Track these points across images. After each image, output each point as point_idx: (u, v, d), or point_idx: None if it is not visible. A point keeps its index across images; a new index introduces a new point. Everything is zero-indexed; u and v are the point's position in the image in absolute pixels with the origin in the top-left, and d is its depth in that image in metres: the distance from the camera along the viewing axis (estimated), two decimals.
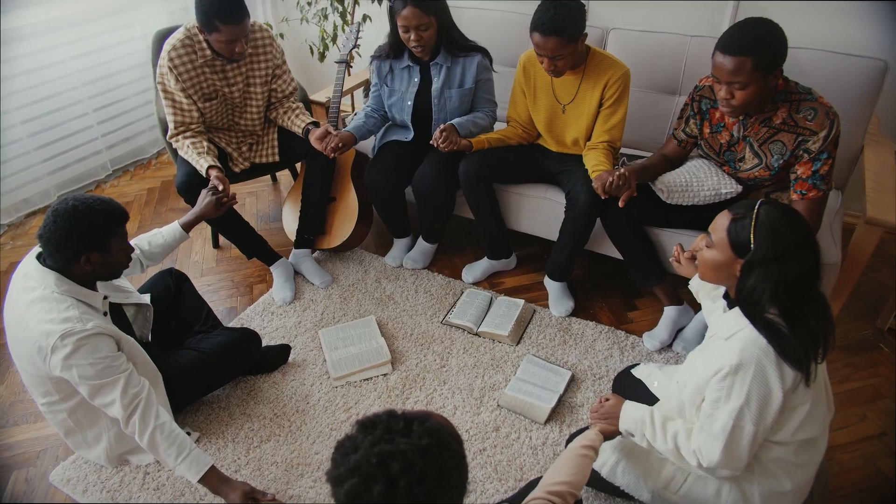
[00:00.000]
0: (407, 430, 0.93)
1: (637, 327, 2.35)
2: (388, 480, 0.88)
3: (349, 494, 0.89)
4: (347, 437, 0.95)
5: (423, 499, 0.88)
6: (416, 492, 0.87)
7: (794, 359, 1.30)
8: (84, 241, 1.56)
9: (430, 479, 0.89)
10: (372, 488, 0.88)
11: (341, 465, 0.92)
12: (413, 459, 0.89)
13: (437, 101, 2.39)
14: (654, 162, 2.15)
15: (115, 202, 1.62)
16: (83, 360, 1.56)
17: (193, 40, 2.23)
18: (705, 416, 1.39)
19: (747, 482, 1.45)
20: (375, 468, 0.89)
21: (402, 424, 0.93)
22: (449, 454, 0.92)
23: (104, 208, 1.58)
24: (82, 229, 1.54)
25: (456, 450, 0.94)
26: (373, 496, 0.88)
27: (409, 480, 0.87)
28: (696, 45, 2.41)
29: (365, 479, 0.89)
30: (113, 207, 1.61)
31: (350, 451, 0.92)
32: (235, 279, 2.63)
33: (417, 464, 0.89)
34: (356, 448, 0.92)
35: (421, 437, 0.92)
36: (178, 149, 2.34)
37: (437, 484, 0.89)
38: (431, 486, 0.88)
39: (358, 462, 0.90)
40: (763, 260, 1.30)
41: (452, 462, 0.92)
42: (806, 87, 1.83)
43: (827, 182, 1.82)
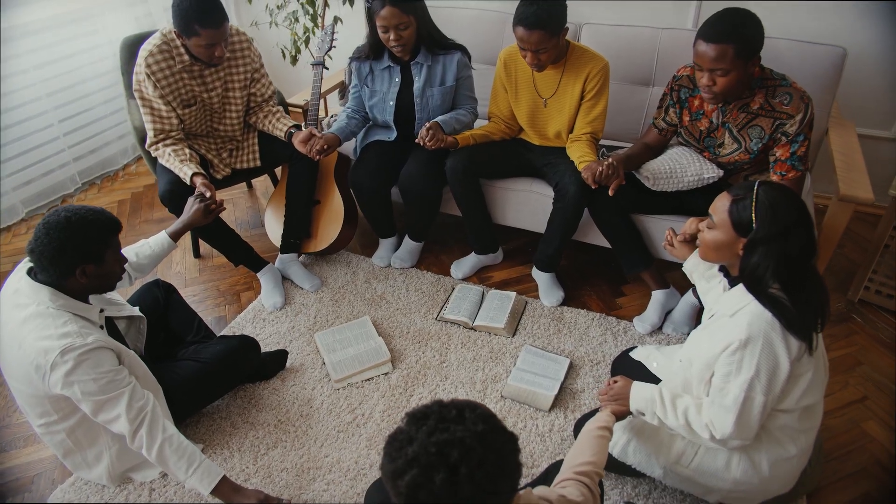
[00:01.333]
0: (460, 418, 0.94)
1: (626, 312, 2.42)
2: (448, 469, 0.89)
3: (410, 486, 0.90)
4: (399, 431, 0.96)
5: (485, 484, 0.89)
6: (478, 477, 0.89)
7: (798, 329, 1.37)
8: (79, 252, 1.52)
9: (490, 463, 0.90)
10: (433, 478, 0.89)
11: (398, 459, 0.93)
12: (471, 445, 0.90)
13: (420, 100, 2.40)
14: (637, 151, 2.21)
15: (108, 212, 1.59)
16: (85, 375, 1.52)
17: (171, 45, 2.19)
18: (716, 390, 1.45)
19: (755, 451, 1.52)
20: (435, 457, 0.90)
21: (454, 413, 0.95)
22: (504, 438, 0.94)
23: (98, 218, 1.55)
24: (77, 241, 1.50)
25: (510, 433, 0.96)
26: (435, 485, 0.89)
27: (470, 467, 0.89)
28: (668, 38, 2.50)
29: (425, 470, 0.90)
30: (107, 217, 1.58)
31: (405, 444, 0.93)
32: (221, 288, 2.58)
33: (476, 449, 0.90)
34: (411, 440, 0.93)
35: (475, 423, 0.93)
36: (158, 157, 2.29)
37: (496, 468, 0.91)
38: (491, 470, 0.90)
39: (416, 453, 0.91)
40: (765, 238, 1.36)
41: (509, 445, 0.94)
42: (780, 73, 1.93)
43: (804, 162, 1.92)
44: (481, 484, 0.89)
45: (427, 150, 2.38)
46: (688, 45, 2.43)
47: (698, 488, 1.63)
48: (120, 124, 3.28)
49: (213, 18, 2.07)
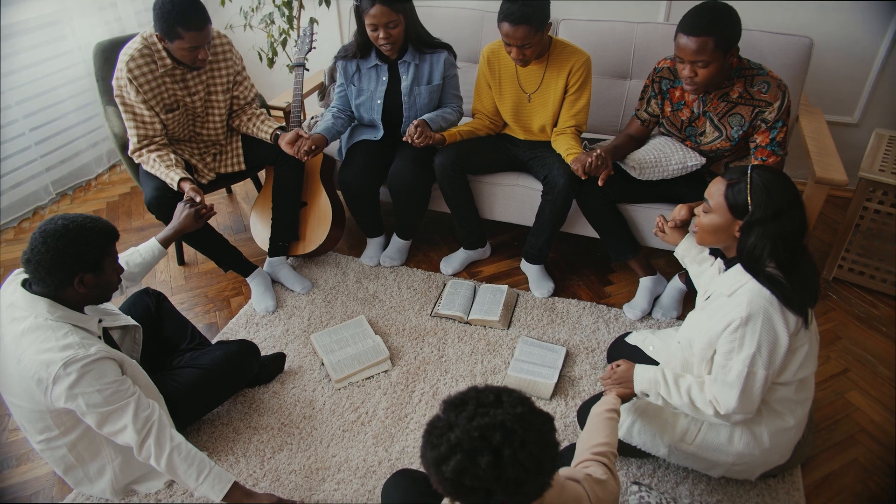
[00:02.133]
0: (499, 402, 0.96)
1: (616, 300, 2.48)
2: (492, 451, 0.91)
3: (456, 471, 0.92)
4: (438, 418, 0.98)
5: (528, 464, 0.92)
6: (521, 458, 0.91)
7: (795, 305, 1.44)
8: (78, 261, 1.49)
9: (531, 443, 0.93)
10: (478, 461, 0.91)
11: (440, 446, 0.94)
12: (512, 428, 0.93)
13: (408, 98, 2.41)
14: (622, 142, 2.27)
15: (104, 219, 1.56)
16: (89, 387, 1.49)
17: (152, 49, 2.15)
18: (719, 367, 1.50)
19: (756, 424, 1.59)
20: (478, 441, 0.92)
21: (492, 397, 0.97)
22: (542, 418, 0.97)
23: (96, 226, 1.52)
24: (76, 249, 1.47)
25: (546, 413, 0.99)
26: (480, 469, 0.91)
27: (513, 448, 0.92)
28: (643, 32, 2.57)
29: (470, 454, 0.92)
30: (104, 224, 1.55)
31: (446, 430, 0.95)
32: (209, 294, 2.55)
33: (517, 431, 0.93)
34: (451, 426, 0.95)
35: (514, 405, 0.96)
36: (142, 164, 2.24)
37: (537, 448, 0.94)
38: (533, 450, 0.93)
39: (459, 438, 0.93)
40: (761, 219, 1.42)
41: (547, 425, 0.97)
42: (756, 62, 2.01)
43: (783, 147, 2.00)
44: (524, 464, 0.92)
45: (414, 147, 2.40)
46: (662, 38, 2.54)
47: (703, 464, 1.69)
48: (93, 132, 3.19)
49: (196, 21, 2.05)
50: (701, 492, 1.75)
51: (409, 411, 2.00)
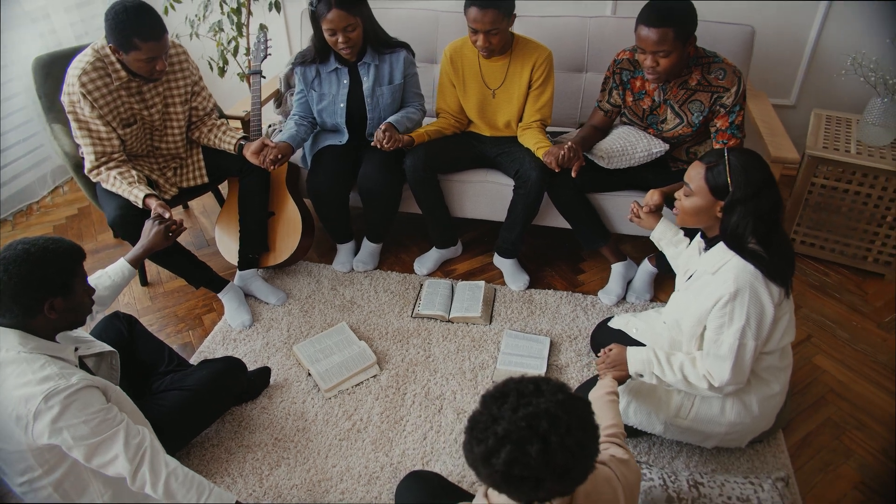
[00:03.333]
0: (539, 391, 0.98)
1: (589, 287, 2.54)
2: (540, 439, 0.93)
3: (507, 463, 0.93)
4: (480, 413, 0.99)
5: (575, 448, 0.94)
6: (568, 443, 0.93)
7: (777, 277, 1.52)
8: (46, 286, 1.41)
9: (576, 428, 0.95)
10: (528, 450, 0.92)
11: (487, 439, 0.95)
12: (556, 414, 0.95)
13: (370, 99, 2.40)
14: (587, 134, 2.33)
15: (67, 239, 1.48)
16: (74, 418, 1.41)
17: (105, 62, 2.05)
18: (711, 342, 1.57)
19: (745, 393, 1.67)
20: (526, 431, 0.93)
21: (532, 387, 0.99)
22: (582, 403, 0.99)
23: (59, 246, 1.43)
24: (42, 272, 1.39)
25: (584, 398, 1.01)
26: (531, 458, 0.92)
27: (560, 434, 0.93)
28: (595, 25, 2.65)
29: (519, 444, 0.93)
30: (68, 244, 1.47)
31: (490, 424, 0.96)
32: (179, 313, 2.45)
33: (562, 417, 0.95)
34: (496, 419, 0.96)
35: (554, 393, 0.98)
36: (101, 182, 2.14)
37: (582, 432, 0.96)
38: (578, 434, 0.95)
39: (507, 430, 0.94)
40: (742, 198, 1.50)
41: (587, 409, 0.99)
42: (711, 51, 2.11)
43: (742, 130, 2.11)
44: (571, 449, 0.94)
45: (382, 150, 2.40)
46: (614, 31, 2.63)
47: (697, 436, 1.77)
48: (34, 151, 3.00)
49: (153, 30, 1.97)
50: (696, 463, 1.82)
51: (404, 414, 1.99)
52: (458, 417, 1.97)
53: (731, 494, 1.63)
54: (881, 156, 2.38)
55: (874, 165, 2.34)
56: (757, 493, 1.63)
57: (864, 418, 1.98)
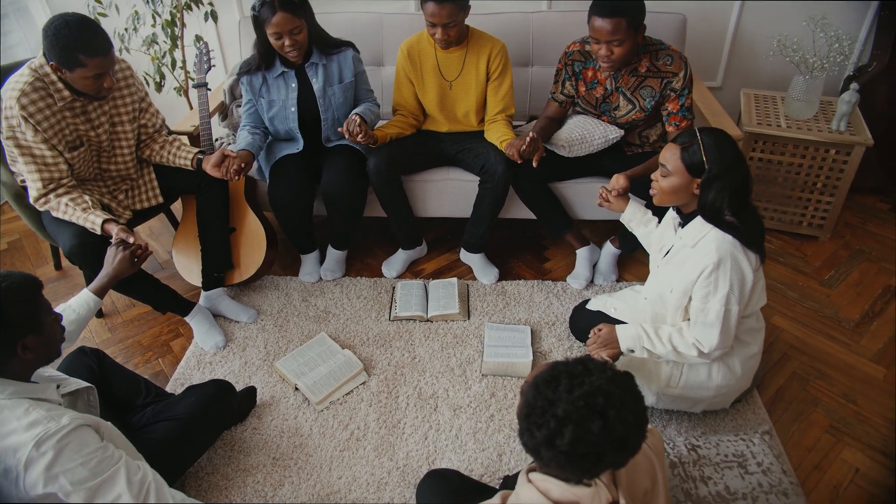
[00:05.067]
0: (587, 370, 1.01)
1: (557, 274, 2.62)
2: (599, 415, 0.96)
3: (571, 442, 0.96)
4: (535, 399, 1.01)
5: (631, 420, 0.98)
6: (624, 415, 0.98)
7: (753, 244, 1.64)
8: (13, 327, 1.31)
9: (629, 400, 0.99)
10: (590, 427, 0.96)
11: (547, 423, 0.98)
12: (610, 390, 0.99)
13: (322, 100, 2.36)
14: (544, 125, 2.40)
15: (16, 271, 1.38)
16: (71, 462, 1.32)
17: (45, 82, 1.92)
18: (698, 311, 1.67)
19: (729, 356, 1.78)
20: (585, 409, 0.97)
21: (580, 368, 1.02)
22: (627, 376, 1.04)
23: (13, 282, 1.32)
24: (7, 314, 1.29)
25: (627, 371, 1.05)
26: (594, 435, 0.96)
27: (616, 409, 0.97)
28: (538, 20, 2.73)
29: (580, 423, 0.96)
30: (21, 276, 1.37)
31: (548, 408, 0.99)
32: (144, 342, 2.33)
33: (615, 392, 0.99)
34: (553, 402, 0.99)
35: (602, 370, 1.02)
36: (51, 211, 2.00)
37: (634, 403, 1.00)
38: (632, 406, 0.99)
39: (566, 411, 0.97)
40: (718, 174, 1.59)
41: (633, 382, 1.04)
42: (657, 39, 2.22)
43: (691, 112, 2.23)
44: (628, 420, 0.98)
45: (341, 154, 2.38)
46: (556, 25, 2.72)
47: (687, 402, 1.87)
48: None
49: (99, 45, 1.86)
50: (686, 429, 1.92)
51: (401, 417, 1.98)
52: (455, 414, 1.99)
53: (727, 452, 1.73)
54: (808, 128, 2.59)
55: (803, 137, 2.54)
56: (749, 448, 1.74)
57: (822, 368, 2.15)
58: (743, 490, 1.63)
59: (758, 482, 1.65)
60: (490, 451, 1.87)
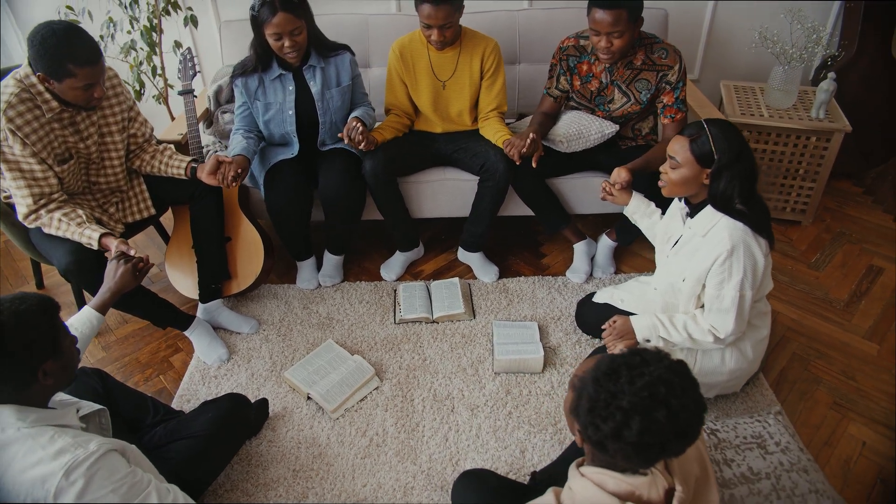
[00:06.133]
0: (645, 361, 1.02)
1: (556, 269, 2.64)
2: (664, 405, 0.98)
3: (639, 433, 0.96)
4: (596, 393, 1.02)
5: (693, 406, 1.00)
6: (686, 403, 0.99)
7: (764, 230, 1.68)
8: (34, 353, 1.25)
9: (688, 388, 1.01)
10: (656, 417, 0.97)
11: (613, 416, 0.98)
12: (670, 379, 1.00)
13: (321, 103, 2.32)
14: (541, 121, 2.41)
15: (31, 293, 1.32)
16: (102, 489, 1.27)
17: (32, 93, 1.84)
18: (713, 298, 1.71)
19: (741, 341, 1.83)
20: (649, 400, 0.98)
21: (637, 359, 1.03)
22: (681, 364, 1.05)
23: (30, 305, 1.25)
24: (26, 340, 1.22)
25: (680, 360, 1.07)
26: (660, 424, 0.97)
27: (678, 396, 0.99)
28: (524, 17, 2.74)
29: (646, 413, 0.97)
30: (38, 298, 1.30)
31: (611, 401, 0.99)
32: (142, 360, 2.25)
33: (675, 380, 1.00)
34: (616, 395, 1.00)
35: (659, 360, 1.03)
36: (42, 227, 1.92)
37: (693, 390, 1.02)
38: (692, 393, 1.01)
39: (631, 403, 0.98)
40: (728, 163, 1.63)
41: (687, 368, 1.05)
42: (650, 33, 2.26)
43: (686, 105, 2.28)
44: (690, 408, 0.99)
45: (337, 158, 2.35)
46: (542, 22, 2.74)
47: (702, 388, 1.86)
48: None
49: (89, 54, 1.79)
50: None
51: (418, 420, 1.97)
52: (473, 413, 1.98)
53: (745, 434, 1.77)
54: (789, 117, 2.67)
55: (785, 126, 2.63)
56: (766, 429, 1.79)
57: (820, 347, 2.23)
58: (766, 470, 1.68)
59: (779, 461, 1.70)
60: (512, 448, 1.87)
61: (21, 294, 1.28)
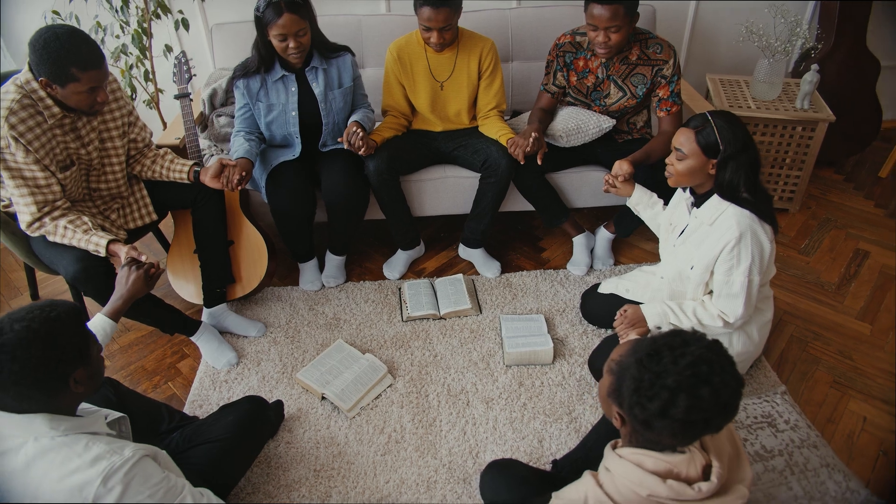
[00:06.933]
0: (685, 342, 1.06)
1: (556, 262, 2.68)
2: (707, 382, 1.01)
3: (686, 409, 1.00)
4: (641, 374, 1.05)
5: (734, 382, 1.04)
6: (727, 379, 1.03)
7: (769, 217, 1.74)
8: (66, 361, 1.23)
9: (727, 364, 1.05)
10: (701, 394, 1.01)
11: (659, 395, 1.02)
12: (710, 357, 1.04)
13: (324, 104, 2.32)
14: (540, 117, 2.44)
15: (60, 300, 1.30)
16: (139, 495, 1.27)
17: (33, 98, 1.80)
18: (722, 284, 1.76)
19: (747, 324, 1.88)
20: (693, 378, 1.01)
21: (678, 339, 1.07)
22: (717, 343, 1.09)
23: (61, 312, 1.24)
24: (58, 348, 1.20)
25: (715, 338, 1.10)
26: (705, 400, 1.01)
27: (719, 373, 1.03)
28: (515, 16, 2.78)
29: (691, 391, 1.01)
30: (68, 305, 1.29)
31: (657, 380, 1.03)
32: (148, 367, 2.22)
33: (715, 358, 1.04)
34: (660, 375, 1.03)
35: (699, 339, 1.07)
36: (47, 235, 1.88)
37: (732, 366, 1.06)
38: (731, 369, 1.05)
39: (677, 381, 1.01)
40: (733, 153, 1.68)
41: (723, 347, 1.09)
42: (644, 28, 2.31)
43: (680, 98, 2.34)
44: (731, 384, 1.03)
45: (339, 158, 2.36)
46: (533, 19, 2.79)
47: None
48: None
49: (92, 57, 1.77)
50: None
51: (435, 415, 1.98)
52: (488, 406, 2.01)
53: (755, 414, 1.83)
54: (775, 108, 2.76)
55: (771, 117, 2.71)
56: (774, 408, 1.85)
57: (816, 329, 2.31)
58: (778, 447, 1.74)
59: (789, 438, 1.76)
60: (530, 438, 1.90)
61: (50, 301, 1.26)
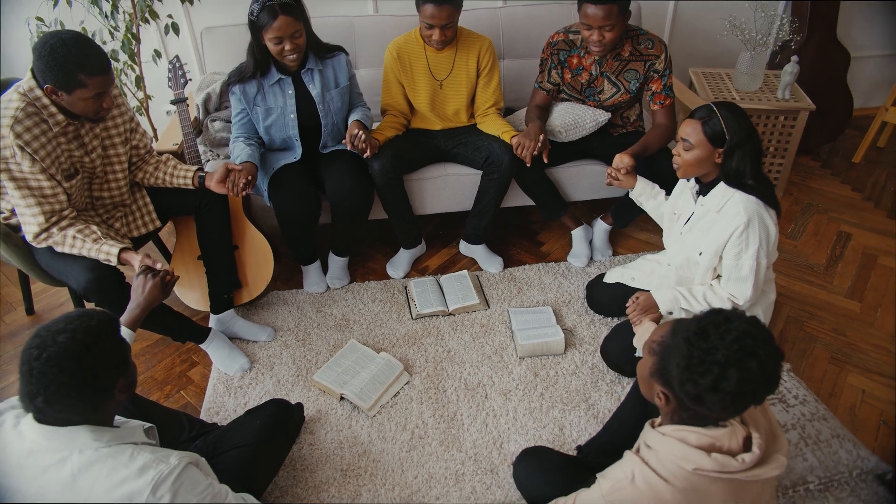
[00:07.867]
0: (728, 319, 1.11)
1: (556, 255, 2.73)
2: (753, 355, 1.07)
3: (738, 382, 1.05)
4: (690, 351, 1.09)
5: (777, 354, 1.10)
6: (771, 351, 1.09)
7: (773, 202, 1.81)
8: (111, 370, 1.22)
9: (768, 338, 1.10)
10: (749, 367, 1.06)
11: (710, 371, 1.07)
12: (753, 332, 1.09)
13: (322, 106, 2.32)
14: (537, 115, 2.49)
15: (90, 309, 1.29)
16: (188, 502, 1.26)
17: (37, 106, 1.76)
18: (731, 268, 1.82)
19: (754, 306, 1.95)
20: (739, 352, 1.07)
21: (721, 317, 1.12)
22: (756, 318, 1.14)
23: (99, 321, 1.23)
24: (103, 357, 1.19)
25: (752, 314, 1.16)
26: (753, 372, 1.06)
27: (762, 347, 1.08)
28: (506, 14, 2.82)
29: (740, 364, 1.06)
30: (101, 314, 1.28)
31: (706, 356, 1.08)
32: (158, 377, 2.18)
33: (757, 332, 1.10)
34: (710, 351, 1.08)
35: (739, 316, 1.12)
36: (55, 246, 1.84)
37: (772, 340, 1.11)
38: (772, 342, 1.10)
39: (726, 356, 1.07)
40: (739, 142, 1.75)
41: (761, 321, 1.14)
42: (635, 25, 2.38)
43: (672, 91, 2.41)
44: (776, 355, 1.09)
45: (341, 159, 2.36)
46: (523, 18, 2.84)
47: None
48: None
49: (98, 62, 1.73)
50: None
51: (455, 409, 2.01)
52: (507, 398, 2.04)
53: None
54: (758, 99, 2.86)
55: (756, 107, 2.81)
56: (783, 384, 1.93)
57: (810, 309, 2.41)
58: (791, 422, 1.81)
59: (800, 413, 1.84)
60: (551, 426, 1.94)
61: (81, 311, 1.25)
